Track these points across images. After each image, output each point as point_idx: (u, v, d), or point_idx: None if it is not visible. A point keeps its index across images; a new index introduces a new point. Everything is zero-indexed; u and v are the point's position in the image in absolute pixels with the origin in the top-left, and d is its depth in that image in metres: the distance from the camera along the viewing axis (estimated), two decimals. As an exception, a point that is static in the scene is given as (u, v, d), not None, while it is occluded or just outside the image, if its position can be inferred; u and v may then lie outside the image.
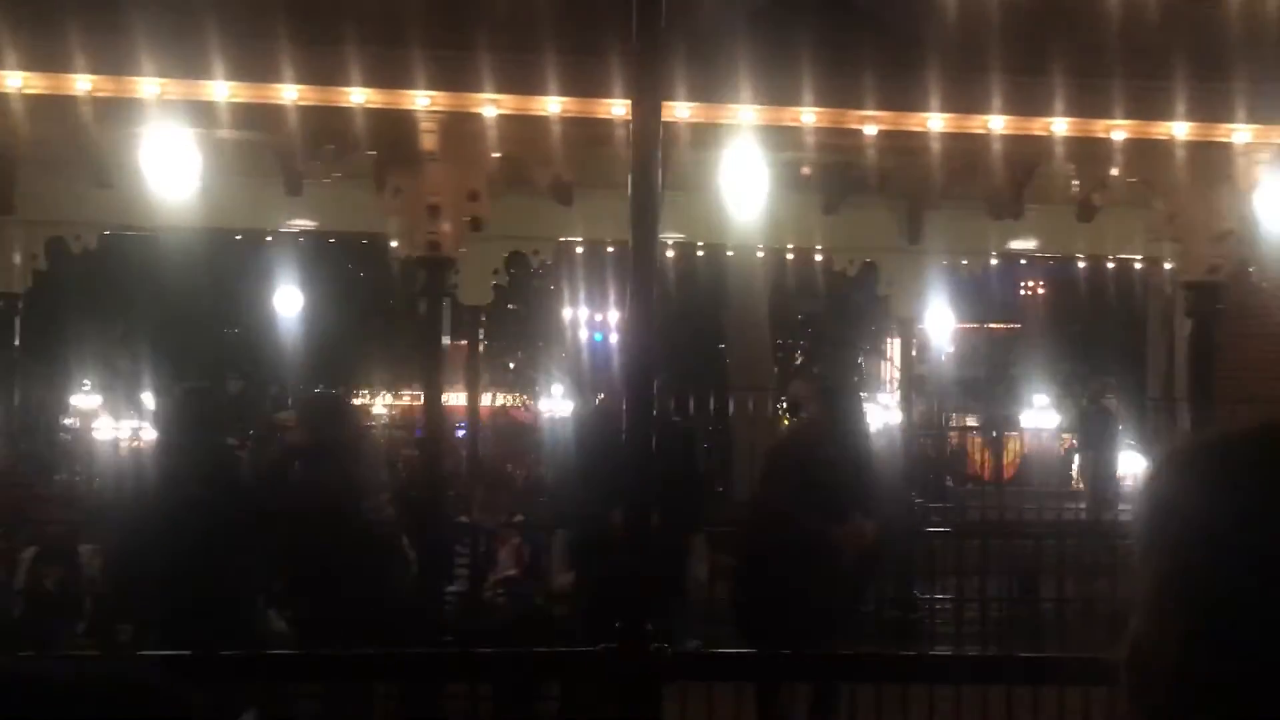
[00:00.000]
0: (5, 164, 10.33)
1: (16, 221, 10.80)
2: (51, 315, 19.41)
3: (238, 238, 12.80)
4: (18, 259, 11.14)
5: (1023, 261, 17.74)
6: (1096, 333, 26.23)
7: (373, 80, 8.46)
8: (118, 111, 8.64)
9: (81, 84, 8.32)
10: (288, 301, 23.59)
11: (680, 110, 8.28)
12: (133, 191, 10.60)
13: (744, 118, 8.74)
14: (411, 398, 29.04)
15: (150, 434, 17.31)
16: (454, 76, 8.58)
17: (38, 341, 16.06)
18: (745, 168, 9.15)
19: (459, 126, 8.78)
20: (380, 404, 32.72)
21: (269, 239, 13.15)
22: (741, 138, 8.90)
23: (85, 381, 29.26)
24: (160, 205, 10.80)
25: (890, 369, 28.69)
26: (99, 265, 17.57)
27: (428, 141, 8.76)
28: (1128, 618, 1.42)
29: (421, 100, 8.64)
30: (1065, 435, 23.76)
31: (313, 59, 8.35)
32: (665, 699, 5.64)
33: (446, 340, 10.95)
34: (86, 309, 23.49)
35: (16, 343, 11.28)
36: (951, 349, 28.24)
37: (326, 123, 8.77)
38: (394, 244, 9.99)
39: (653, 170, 5.20)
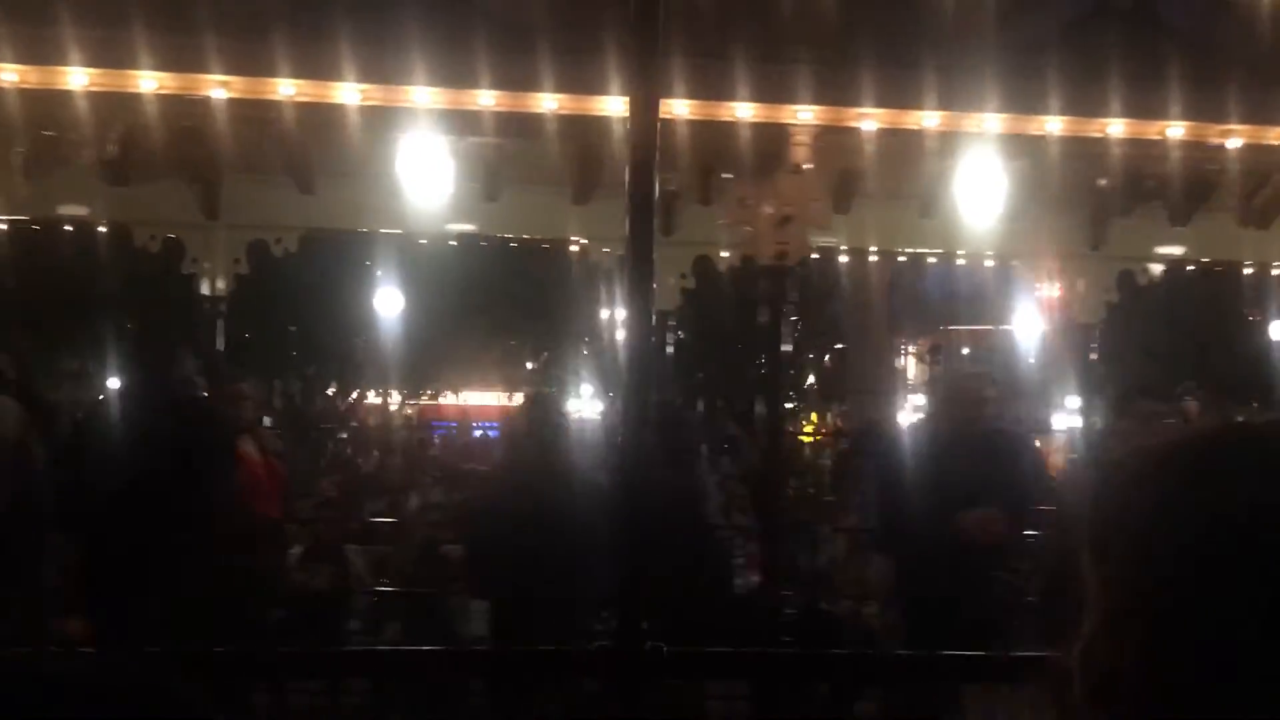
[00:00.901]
0: (212, 170, 10.73)
1: (221, 226, 11.18)
2: (253, 317, 20.15)
3: (453, 243, 12.94)
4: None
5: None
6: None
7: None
8: (322, 116, 8.92)
9: (285, 89, 8.60)
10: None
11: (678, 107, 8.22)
12: (334, 196, 10.99)
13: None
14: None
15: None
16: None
17: (242, 342, 16.68)
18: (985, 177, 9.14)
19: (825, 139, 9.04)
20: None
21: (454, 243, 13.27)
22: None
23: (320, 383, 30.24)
24: (361, 209, 11.19)
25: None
26: (299, 268, 18.17)
27: (799, 154, 9.01)
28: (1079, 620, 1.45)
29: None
30: None
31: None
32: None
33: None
34: (287, 310, 24.32)
35: (220, 345, 11.69)
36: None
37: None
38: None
39: (650, 170, 5.13)
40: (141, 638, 6.54)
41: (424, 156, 9.50)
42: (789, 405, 27.57)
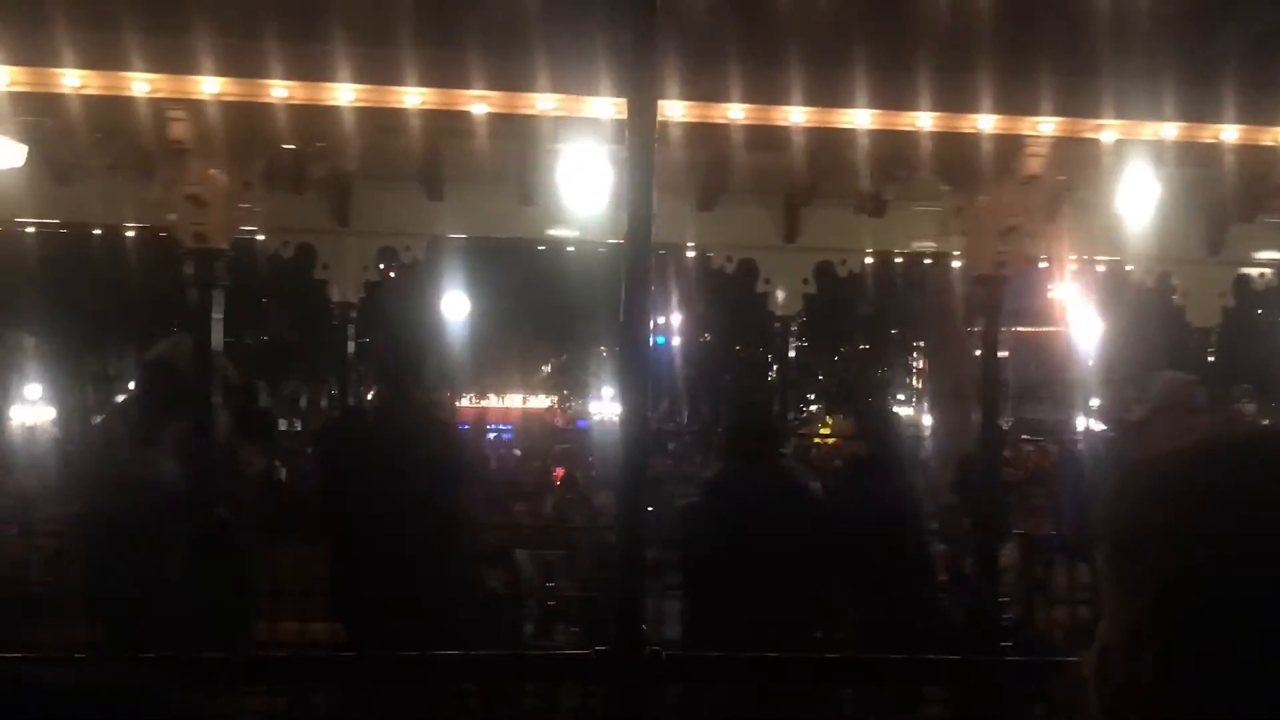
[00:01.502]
0: (343, 179, 10.94)
1: (352, 234, 11.41)
2: (384, 322, 20.40)
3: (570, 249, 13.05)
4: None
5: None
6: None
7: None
8: (451, 124, 8.91)
9: (411, 99, 8.71)
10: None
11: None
12: (463, 203, 11.17)
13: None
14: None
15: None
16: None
17: (371, 347, 16.89)
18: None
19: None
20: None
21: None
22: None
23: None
24: (490, 217, 11.36)
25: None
26: (428, 274, 18.40)
27: (1029, 167, 8.94)
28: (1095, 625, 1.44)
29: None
30: None
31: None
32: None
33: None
34: (419, 316, 24.56)
35: (351, 350, 11.89)
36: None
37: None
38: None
39: (647, 171, 5.11)
40: (401, 642, 6.62)
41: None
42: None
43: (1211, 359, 11.75)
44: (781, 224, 11.53)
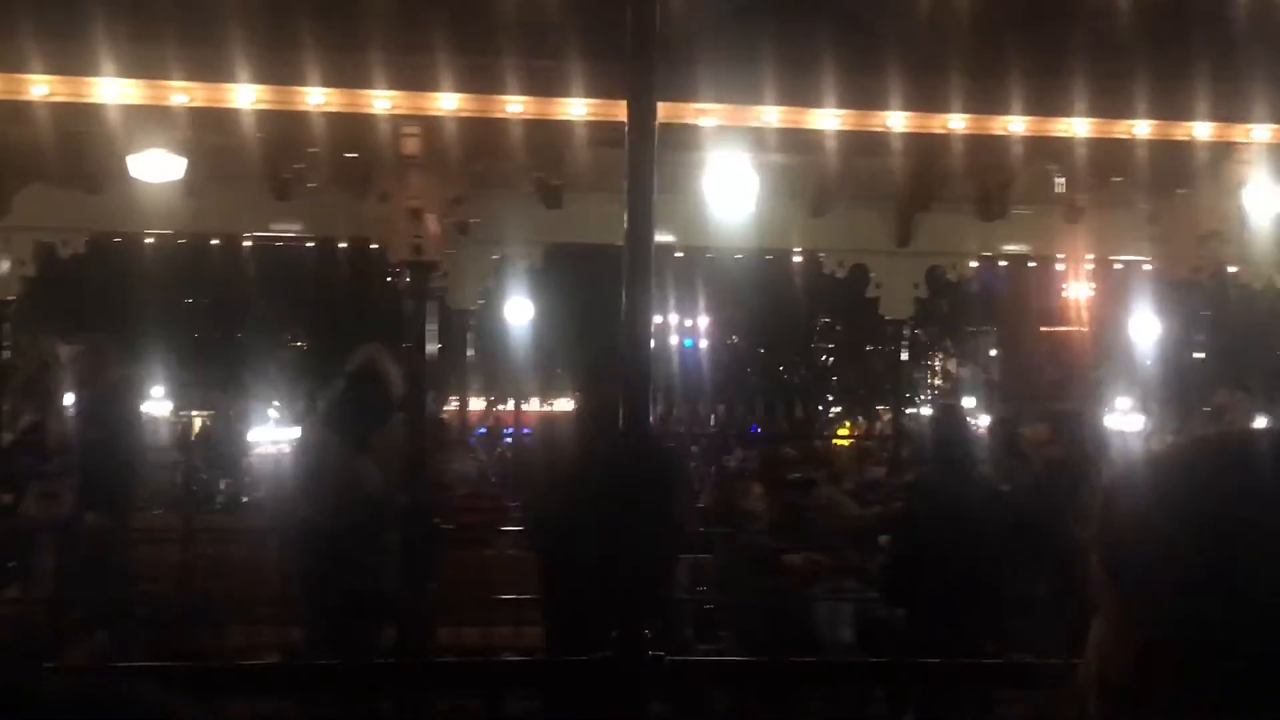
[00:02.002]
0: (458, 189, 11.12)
1: (470, 242, 11.60)
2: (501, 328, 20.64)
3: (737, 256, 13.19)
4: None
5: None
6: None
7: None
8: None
9: (511, 106, 8.86)
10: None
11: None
12: (579, 209, 11.39)
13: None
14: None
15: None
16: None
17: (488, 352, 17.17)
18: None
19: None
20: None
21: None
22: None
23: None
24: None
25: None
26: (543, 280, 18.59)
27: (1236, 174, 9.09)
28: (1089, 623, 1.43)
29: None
30: None
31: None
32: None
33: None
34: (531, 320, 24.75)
35: (470, 353, 12.14)
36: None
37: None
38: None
39: (648, 172, 5.08)
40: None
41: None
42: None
43: None
44: (893, 229, 11.60)
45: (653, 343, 5.34)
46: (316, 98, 8.50)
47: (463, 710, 6.75)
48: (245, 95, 8.50)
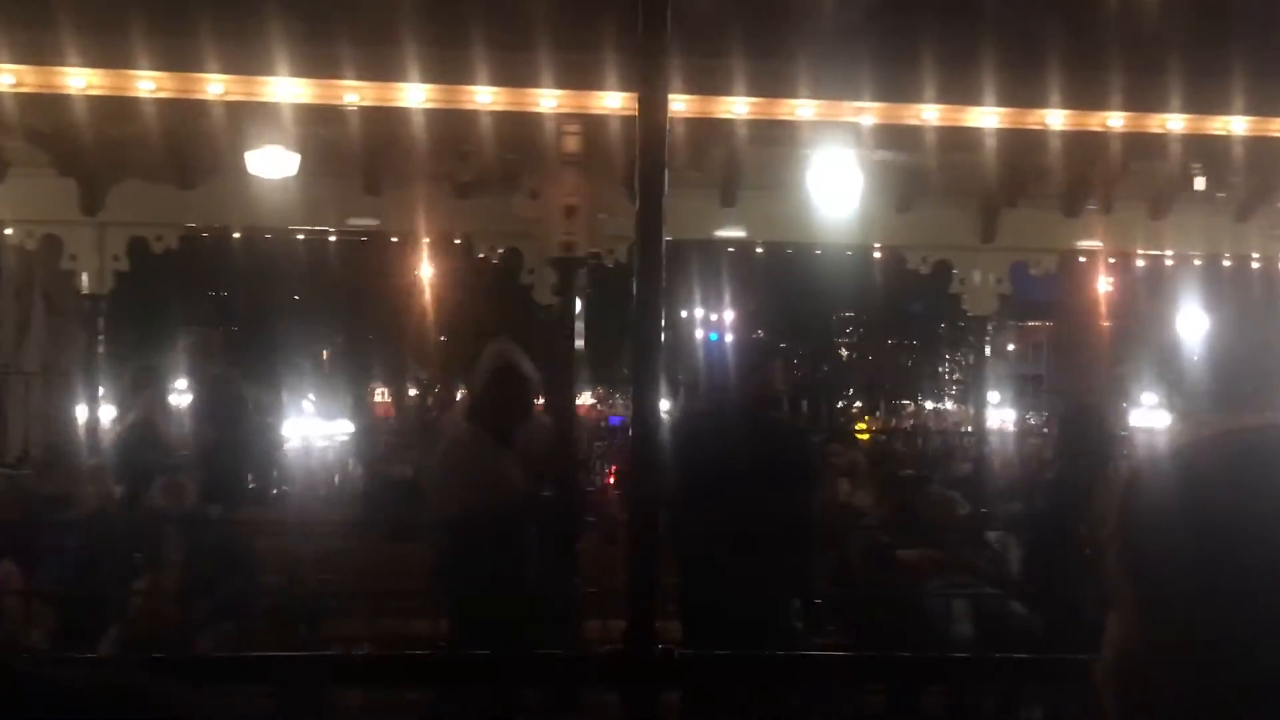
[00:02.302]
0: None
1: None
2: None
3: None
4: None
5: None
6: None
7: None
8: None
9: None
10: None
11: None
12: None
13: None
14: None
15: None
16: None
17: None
18: None
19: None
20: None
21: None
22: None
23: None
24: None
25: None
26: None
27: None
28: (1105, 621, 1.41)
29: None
30: None
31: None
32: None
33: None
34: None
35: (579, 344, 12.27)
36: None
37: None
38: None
39: (659, 166, 5.01)
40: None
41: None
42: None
43: None
44: (978, 224, 11.64)
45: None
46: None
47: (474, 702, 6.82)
48: (346, 93, 8.63)
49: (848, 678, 6.84)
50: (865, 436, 30.66)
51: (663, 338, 5.02)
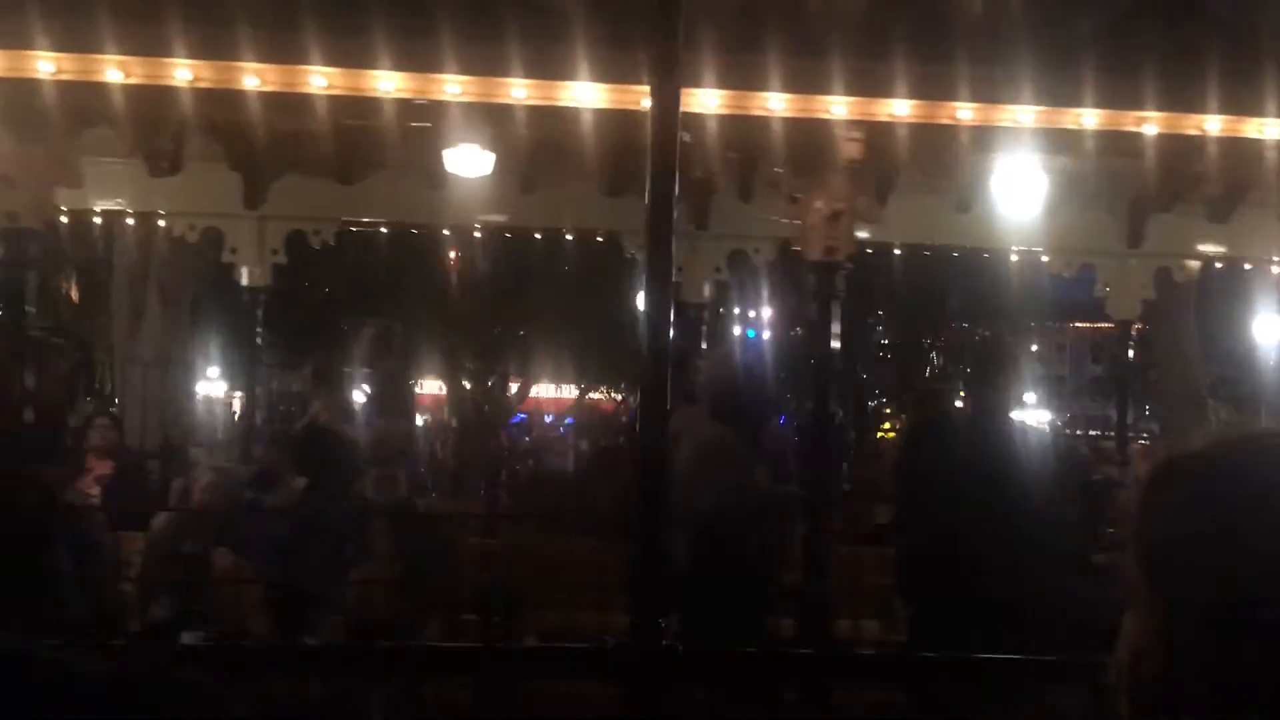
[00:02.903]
0: (703, 184, 11.13)
1: (710, 236, 11.78)
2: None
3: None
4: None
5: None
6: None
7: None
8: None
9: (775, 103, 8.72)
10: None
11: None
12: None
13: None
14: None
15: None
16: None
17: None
18: None
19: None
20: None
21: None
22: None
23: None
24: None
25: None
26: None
27: None
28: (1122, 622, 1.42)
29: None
30: None
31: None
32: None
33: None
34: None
35: (703, 345, 12.38)
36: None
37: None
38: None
39: (670, 160, 5.04)
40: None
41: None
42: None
43: None
44: (1124, 229, 11.54)
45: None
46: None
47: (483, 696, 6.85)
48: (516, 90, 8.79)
49: (850, 678, 6.99)
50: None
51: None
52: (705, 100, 8.36)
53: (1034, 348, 33.44)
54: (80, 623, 8.10)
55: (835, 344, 9.19)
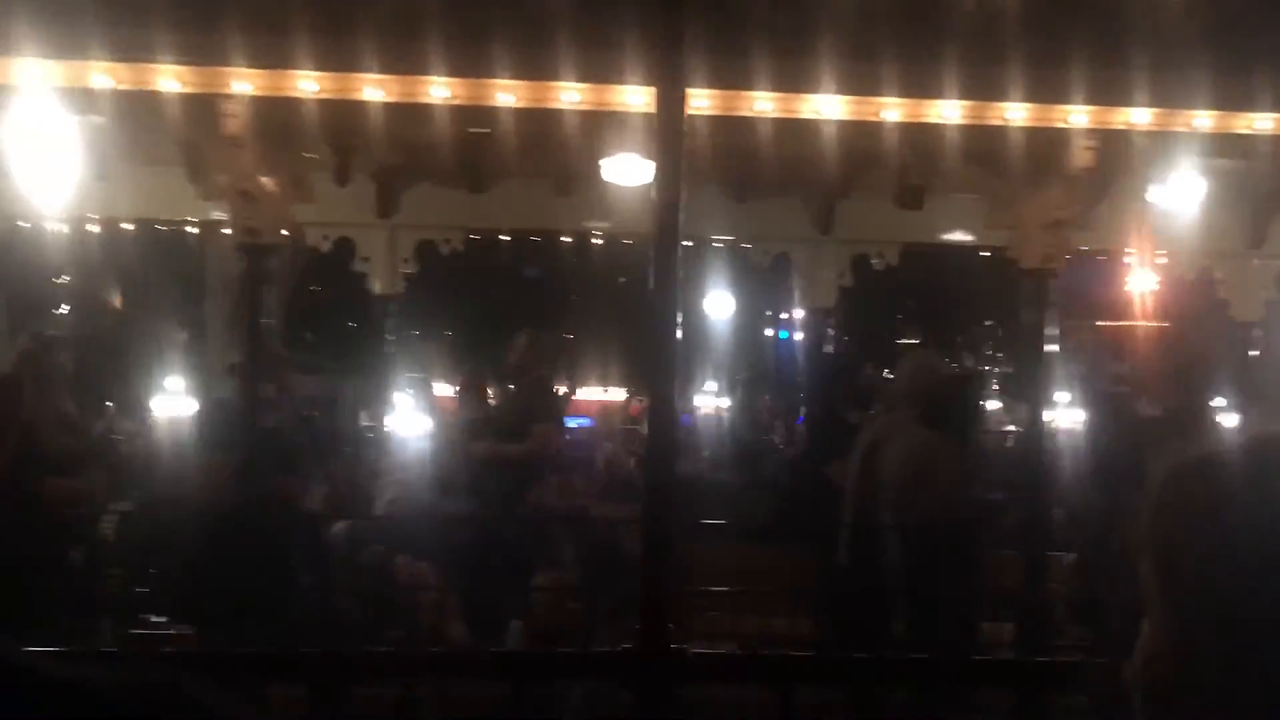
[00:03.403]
0: (828, 190, 11.03)
1: (833, 241, 11.65)
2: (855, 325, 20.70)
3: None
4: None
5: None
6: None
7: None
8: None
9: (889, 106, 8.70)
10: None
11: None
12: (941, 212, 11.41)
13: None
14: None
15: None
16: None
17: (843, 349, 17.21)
18: None
19: None
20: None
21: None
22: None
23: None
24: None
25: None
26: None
27: None
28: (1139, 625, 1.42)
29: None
30: None
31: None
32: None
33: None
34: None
35: (831, 349, 12.27)
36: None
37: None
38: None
39: (676, 161, 5.01)
40: None
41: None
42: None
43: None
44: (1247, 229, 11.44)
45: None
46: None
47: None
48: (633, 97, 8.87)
49: (852, 679, 6.81)
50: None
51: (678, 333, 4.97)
52: (822, 106, 8.37)
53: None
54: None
55: (1051, 348, 9.15)
